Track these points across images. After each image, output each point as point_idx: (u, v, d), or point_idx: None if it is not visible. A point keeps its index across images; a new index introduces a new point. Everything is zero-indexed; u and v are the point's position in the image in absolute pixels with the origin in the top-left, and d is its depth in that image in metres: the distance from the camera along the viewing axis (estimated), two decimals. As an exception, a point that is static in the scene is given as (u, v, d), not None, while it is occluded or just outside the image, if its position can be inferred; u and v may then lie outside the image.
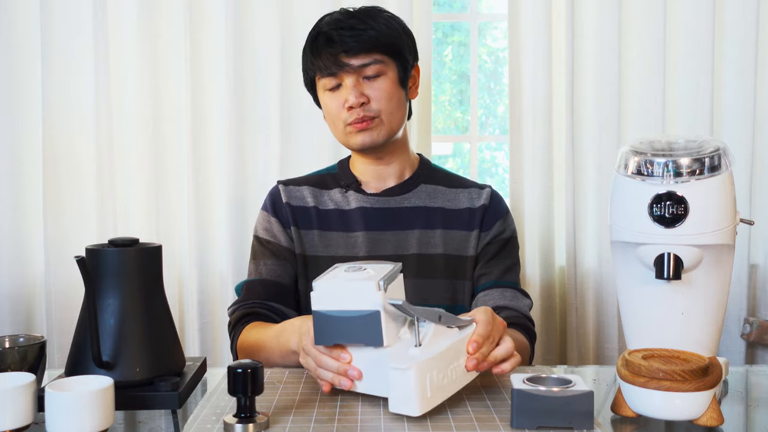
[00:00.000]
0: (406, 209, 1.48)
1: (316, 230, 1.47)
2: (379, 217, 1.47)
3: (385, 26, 1.41)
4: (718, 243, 1.00)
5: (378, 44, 1.39)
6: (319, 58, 1.40)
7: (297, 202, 1.50)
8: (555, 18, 1.95)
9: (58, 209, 1.89)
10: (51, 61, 1.87)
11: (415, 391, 0.93)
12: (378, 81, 1.41)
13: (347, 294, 1.01)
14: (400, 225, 1.47)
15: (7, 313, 1.88)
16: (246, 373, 0.92)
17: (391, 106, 1.42)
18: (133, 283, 1.09)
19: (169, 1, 1.91)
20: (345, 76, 1.39)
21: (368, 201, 1.48)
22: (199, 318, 1.93)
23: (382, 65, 1.41)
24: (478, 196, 1.51)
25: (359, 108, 1.39)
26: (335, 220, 1.48)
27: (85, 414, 0.90)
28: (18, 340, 1.14)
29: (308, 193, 1.51)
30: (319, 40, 1.41)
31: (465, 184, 1.55)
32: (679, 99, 1.98)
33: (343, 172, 1.54)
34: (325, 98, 1.44)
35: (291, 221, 1.48)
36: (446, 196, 1.51)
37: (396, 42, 1.42)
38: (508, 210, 1.54)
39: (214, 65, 1.92)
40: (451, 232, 1.47)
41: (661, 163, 0.99)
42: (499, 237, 1.50)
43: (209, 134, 1.94)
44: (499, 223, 1.50)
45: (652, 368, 0.95)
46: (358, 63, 1.39)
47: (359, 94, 1.39)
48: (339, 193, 1.50)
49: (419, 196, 1.50)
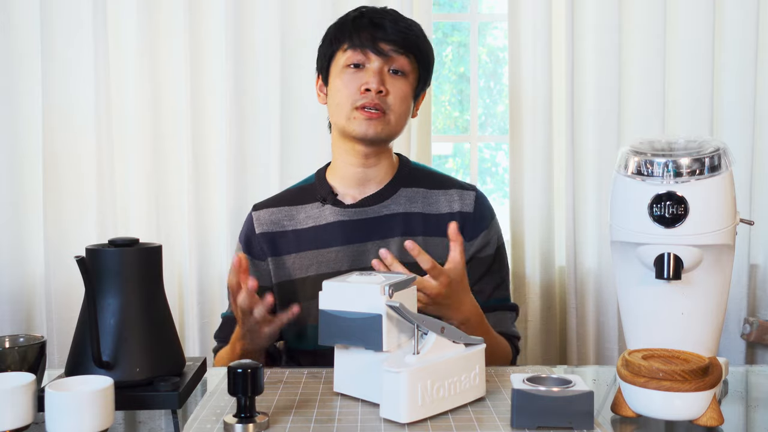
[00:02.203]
0: (386, 217, 1.44)
1: (293, 254, 1.44)
2: (358, 229, 1.43)
3: (423, 37, 1.45)
4: (718, 243, 1.00)
5: (415, 46, 1.41)
6: (358, 34, 1.39)
7: (272, 228, 1.47)
8: (555, 18, 1.95)
9: (58, 209, 1.89)
10: (51, 61, 1.87)
11: (405, 396, 0.93)
12: (400, 79, 1.40)
13: (353, 295, 1.01)
14: (380, 234, 1.43)
15: (7, 313, 1.89)
16: (246, 373, 0.92)
17: (402, 109, 1.41)
18: (133, 283, 1.09)
19: (169, 2, 1.91)
20: (373, 59, 1.38)
21: (346, 213, 1.44)
22: (199, 318, 1.93)
23: (409, 66, 1.41)
24: (460, 199, 1.47)
25: (376, 95, 1.37)
26: (313, 239, 1.44)
27: (85, 414, 0.90)
28: (18, 340, 1.14)
29: (285, 214, 1.47)
30: (363, 20, 1.41)
31: (446, 184, 1.50)
32: (679, 99, 1.98)
33: (320, 183, 1.49)
34: (342, 76, 1.40)
35: (266, 251, 1.46)
36: (427, 200, 1.47)
37: (428, 54, 1.46)
38: (493, 215, 1.50)
39: (214, 65, 1.92)
40: (432, 239, 1.42)
41: (661, 163, 0.99)
42: (486, 253, 1.46)
43: (209, 134, 1.94)
44: (484, 234, 1.46)
45: (652, 368, 0.95)
46: (392, 53, 1.39)
47: (380, 81, 1.38)
48: (316, 208, 1.46)
49: (398, 202, 1.45)
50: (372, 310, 0.99)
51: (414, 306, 1.07)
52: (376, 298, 0.99)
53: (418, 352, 0.97)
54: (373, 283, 1.01)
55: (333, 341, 1.04)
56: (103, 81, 1.87)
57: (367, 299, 1.00)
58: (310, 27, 1.93)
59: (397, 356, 0.98)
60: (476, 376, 1.03)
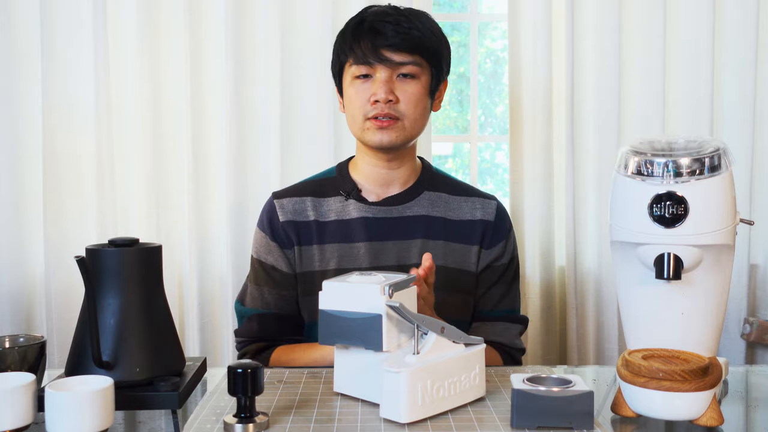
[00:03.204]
0: (409, 218, 1.44)
1: (315, 245, 1.43)
2: (381, 227, 1.43)
3: (430, 30, 1.38)
4: (718, 243, 1.00)
5: (421, 46, 1.36)
6: (359, 45, 1.35)
7: (296, 217, 1.44)
8: (555, 18, 1.96)
9: (58, 209, 1.89)
10: (51, 61, 1.87)
11: (405, 396, 0.93)
12: (410, 83, 1.37)
13: (353, 296, 1.01)
14: (402, 234, 1.43)
15: (7, 313, 1.89)
16: (246, 373, 0.92)
17: (416, 113, 1.38)
18: (133, 283, 1.09)
19: (169, 2, 1.91)
20: (379, 68, 1.35)
21: (370, 210, 1.43)
22: (199, 318, 1.93)
23: (418, 68, 1.37)
24: (482, 207, 1.47)
25: (385, 104, 1.35)
26: (336, 232, 1.43)
27: (85, 414, 0.90)
28: (18, 340, 1.14)
29: (309, 204, 1.45)
30: (362, 27, 1.36)
31: (468, 192, 1.50)
32: (679, 99, 1.98)
33: (342, 177, 1.48)
34: (351, 88, 1.39)
35: (291, 241, 1.44)
36: (449, 205, 1.47)
37: (438, 49, 1.40)
38: (511, 227, 1.51)
39: (214, 65, 1.92)
40: (451, 244, 1.44)
41: (661, 163, 0.99)
42: (500, 262, 1.47)
43: (209, 134, 1.94)
44: (501, 245, 1.47)
45: (652, 368, 0.95)
46: (397, 59, 1.35)
47: (389, 91, 1.35)
48: (339, 202, 1.45)
49: (421, 204, 1.45)
50: (372, 310, 0.99)
51: (414, 306, 1.07)
52: (376, 298, 0.99)
53: (418, 352, 0.97)
54: (373, 283, 1.01)
55: (333, 341, 1.04)
56: (103, 81, 1.87)
57: (367, 299, 1.00)
58: (310, 27, 1.93)
59: (397, 356, 0.98)
60: (476, 376, 1.03)
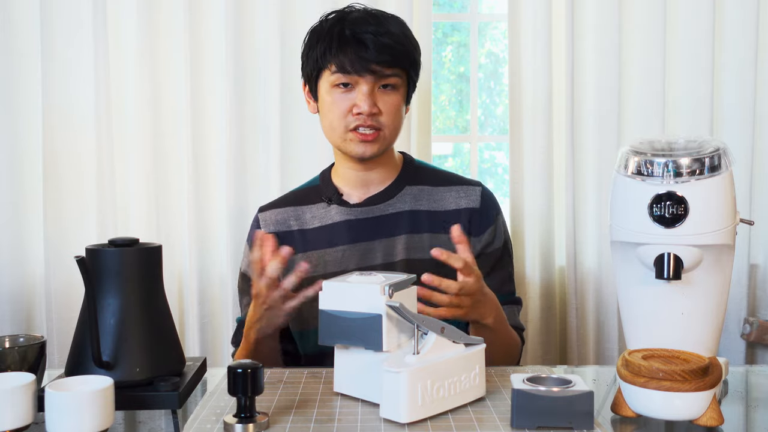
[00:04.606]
0: (392, 215, 1.44)
1: (300, 254, 1.43)
2: (364, 228, 1.43)
3: (406, 37, 1.39)
4: (718, 243, 1.00)
5: (405, 59, 1.38)
6: (344, 54, 1.34)
7: (279, 228, 1.47)
8: (555, 18, 1.95)
9: (58, 209, 1.89)
10: (51, 61, 1.87)
11: (405, 396, 0.93)
12: (391, 94, 1.38)
13: (353, 296, 1.02)
14: (386, 233, 1.43)
15: (7, 313, 1.89)
16: (246, 373, 0.92)
17: (396, 122, 1.39)
18: (133, 283, 1.10)
19: (169, 2, 1.91)
20: (362, 80, 1.35)
21: (352, 213, 1.44)
22: (199, 318, 1.93)
23: (399, 79, 1.38)
24: (466, 195, 1.46)
25: (368, 117, 1.35)
26: (320, 238, 1.44)
27: (85, 414, 0.90)
28: (18, 340, 1.14)
29: (291, 214, 1.48)
30: (346, 38, 1.35)
31: (452, 180, 1.49)
32: (679, 99, 1.98)
33: (324, 184, 1.49)
34: (330, 96, 1.38)
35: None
36: (432, 197, 1.46)
37: (415, 58, 1.41)
38: (499, 210, 1.49)
39: (214, 65, 1.92)
40: (438, 236, 1.41)
41: (661, 163, 0.99)
42: (492, 248, 1.45)
43: (209, 134, 1.93)
44: (491, 231, 1.45)
45: (652, 368, 0.95)
46: (381, 71, 1.35)
47: (372, 104, 1.35)
48: (322, 208, 1.46)
49: (404, 200, 1.45)
50: (372, 310, 0.99)
51: (414, 306, 1.07)
52: (376, 298, 0.99)
53: (418, 352, 0.97)
54: (372, 283, 1.01)
55: (333, 341, 1.04)
56: (103, 81, 1.87)
57: (367, 299, 1.00)
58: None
59: (397, 356, 0.98)
60: (476, 376, 1.03)
